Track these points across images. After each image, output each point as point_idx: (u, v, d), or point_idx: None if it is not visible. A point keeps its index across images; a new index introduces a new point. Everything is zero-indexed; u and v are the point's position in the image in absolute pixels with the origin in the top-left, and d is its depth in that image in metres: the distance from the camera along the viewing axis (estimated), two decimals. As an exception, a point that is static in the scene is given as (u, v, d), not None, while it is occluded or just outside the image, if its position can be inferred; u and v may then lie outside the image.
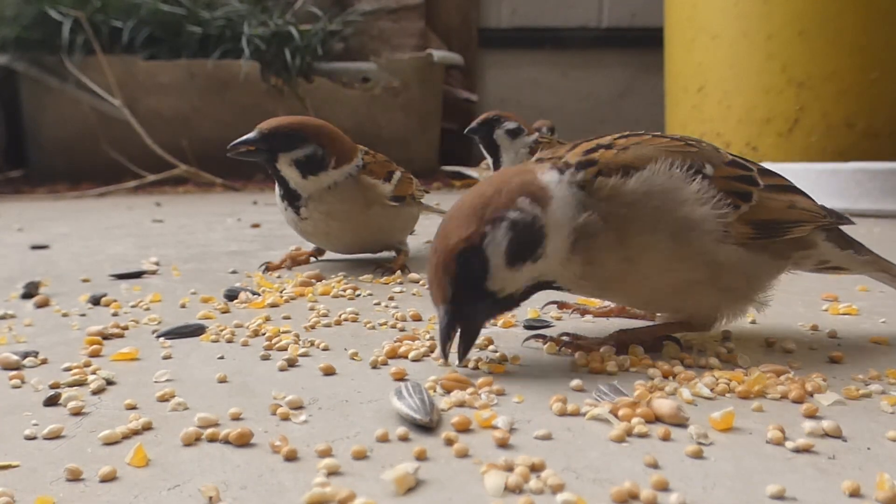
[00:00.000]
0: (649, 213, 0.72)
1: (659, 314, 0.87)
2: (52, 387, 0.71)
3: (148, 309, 1.02)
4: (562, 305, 0.96)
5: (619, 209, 0.72)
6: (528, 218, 0.70)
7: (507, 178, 0.73)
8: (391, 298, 1.06)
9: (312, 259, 1.36)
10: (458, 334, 0.72)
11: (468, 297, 0.71)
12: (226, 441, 0.58)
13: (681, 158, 0.74)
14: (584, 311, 0.95)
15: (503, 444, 0.57)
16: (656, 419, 0.61)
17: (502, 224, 0.70)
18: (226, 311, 1.00)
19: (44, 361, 0.79)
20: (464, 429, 0.60)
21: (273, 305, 1.02)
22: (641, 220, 0.71)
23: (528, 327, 0.91)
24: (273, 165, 1.21)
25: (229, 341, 0.86)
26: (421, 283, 1.16)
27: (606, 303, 0.95)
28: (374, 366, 0.76)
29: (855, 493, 0.49)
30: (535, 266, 0.72)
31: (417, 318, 0.95)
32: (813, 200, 0.82)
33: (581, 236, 0.72)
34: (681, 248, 0.73)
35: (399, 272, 1.22)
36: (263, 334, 0.87)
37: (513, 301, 0.74)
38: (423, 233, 1.73)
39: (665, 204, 0.72)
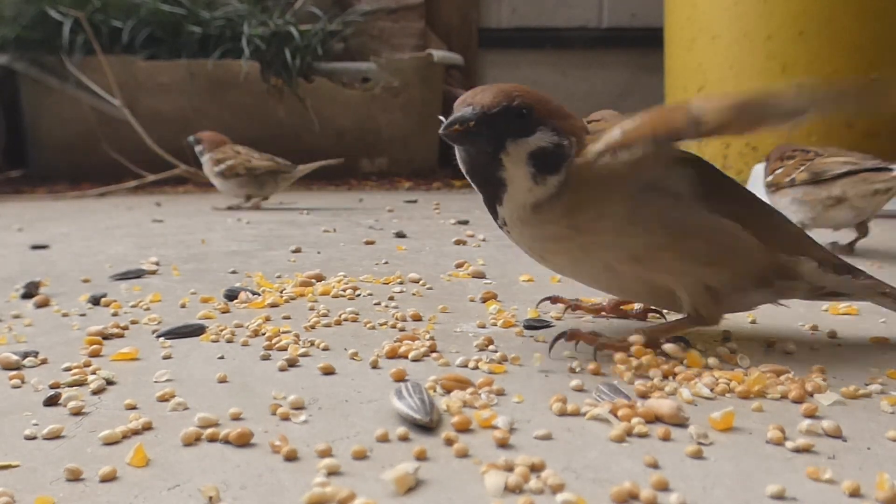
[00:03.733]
0: (608, 184, 0.75)
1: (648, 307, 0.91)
2: (52, 387, 0.71)
3: (148, 309, 1.02)
4: (555, 300, 0.97)
5: (585, 175, 0.75)
6: (567, 154, 0.76)
7: (573, 115, 0.80)
8: (391, 298, 1.06)
9: None
10: (465, 127, 0.74)
11: (496, 127, 0.74)
12: (226, 441, 0.58)
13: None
14: (576, 307, 0.96)
15: (503, 444, 0.57)
16: (656, 419, 0.61)
17: (556, 137, 0.75)
18: (226, 311, 1.00)
19: (44, 361, 0.79)
20: (464, 429, 0.60)
21: (273, 305, 1.02)
22: (597, 191, 0.75)
23: (528, 327, 0.91)
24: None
25: (229, 341, 0.86)
26: (421, 282, 1.16)
27: (599, 300, 0.97)
28: (374, 366, 0.76)
29: (855, 493, 0.49)
30: (527, 179, 0.76)
31: (417, 318, 0.95)
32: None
33: (557, 193, 0.76)
34: (636, 210, 0.75)
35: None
36: (263, 334, 0.87)
37: (490, 167, 0.76)
38: (422, 233, 1.73)
39: (620, 172, 0.75)
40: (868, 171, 1.40)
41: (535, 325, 0.92)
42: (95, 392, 0.69)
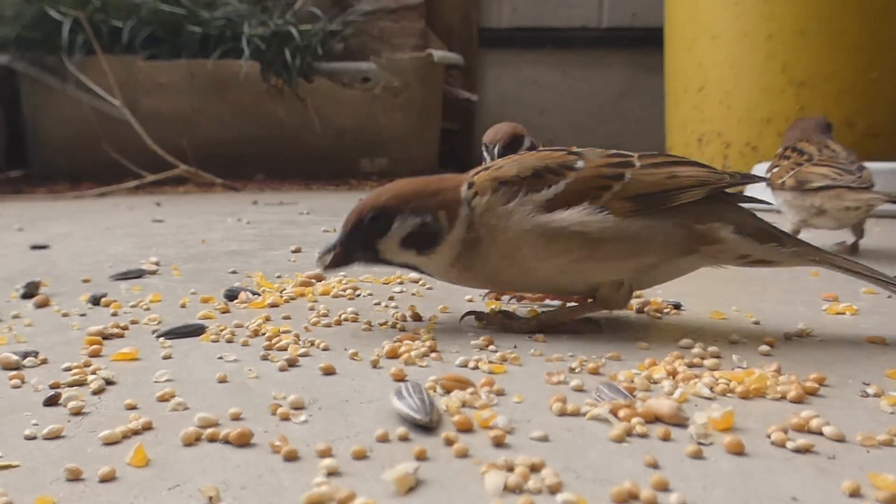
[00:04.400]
0: (515, 221, 0.84)
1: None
2: (53, 387, 0.71)
3: (148, 309, 1.02)
4: (501, 292, 1.02)
5: (492, 220, 0.84)
6: (436, 228, 0.86)
7: (446, 186, 0.88)
8: (391, 298, 1.06)
9: None
10: (334, 254, 0.87)
11: (359, 239, 0.87)
12: (226, 441, 0.58)
13: (548, 163, 0.86)
14: (520, 297, 1.01)
15: (503, 444, 0.57)
16: (656, 419, 0.61)
17: (417, 219, 0.85)
18: (226, 311, 1.00)
19: (44, 361, 0.79)
20: (464, 429, 0.60)
21: (273, 305, 1.02)
22: (510, 227, 0.84)
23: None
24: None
25: (229, 341, 0.86)
26: (421, 282, 1.17)
27: None
28: (374, 366, 0.76)
29: (855, 493, 0.49)
30: (417, 257, 0.87)
31: (417, 318, 0.95)
32: (706, 169, 0.88)
33: (465, 248, 0.86)
34: (551, 243, 0.83)
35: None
36: (263, 334, 0.87)
37: (387, 263, 0.89)
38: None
39: (519, 212, 0.84)
40: (841, 188, 1.41)
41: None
42: (95, 392, 0.69)
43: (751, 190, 2.55)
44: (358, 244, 0.87)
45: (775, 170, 1.56)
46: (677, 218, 0.84)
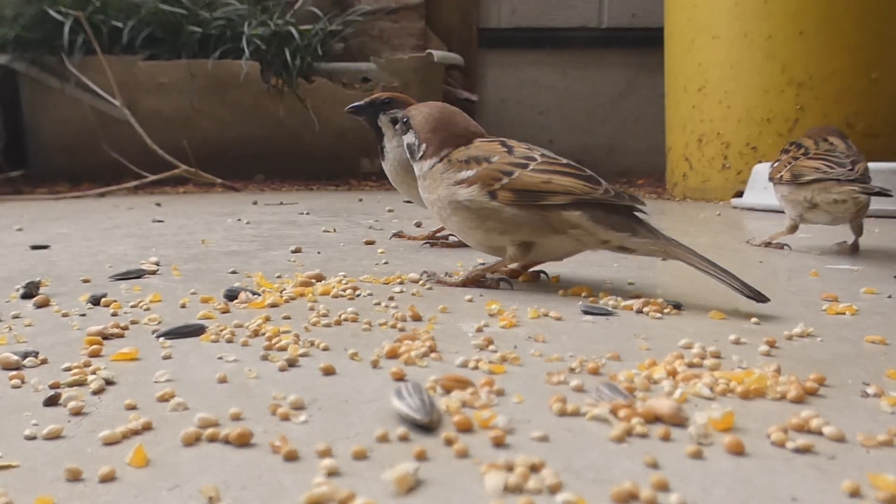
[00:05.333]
0: (442, 186, 1.15)
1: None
2: (52, 387, 0.71)
3: (148, 309, 1.02)
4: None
5: (435, 177, 1.16)
6: (417, 151, 1.21)
7: (455, 133, 1.19)
8: (391, 298, 1.06)
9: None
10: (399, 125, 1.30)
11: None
12: (226, 441, 0.58)
13: (479, 154, 1.13)
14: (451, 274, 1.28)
15: (503, 444, 0.57)
16: (656, 419, 0.61)
17: (413, 138, 1.21)
18: (226, 311, 1.00)
19: (44, 361, 0.79)
20: (464, 429, 0.60)
21: (273, 305, 1.02)
22: (438, 187, 1.15)
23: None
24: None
25: (229, 341, 0.86)
26: (421, 283, 1.17)
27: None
28: (374, 366, 0.76)
29: (855, 494, 0.49)
30: (411, 158, 1.24)
31: (417, 318, 0.95)
32: (582, 181, 1.07)
33: (422, 177, 1.20)
34: (456, 210, 1.13)
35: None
36: (263, 334, 0.87)
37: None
38: (422, 233, 1.73)
39: (444, 182, 1.15)
40: (830, 181, 1.42)
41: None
42: (95, 392, 0.69)
43: (750, 192, 2.55)
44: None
45: (775, 164, 1.57)
46: (547, 210, 1.07)
